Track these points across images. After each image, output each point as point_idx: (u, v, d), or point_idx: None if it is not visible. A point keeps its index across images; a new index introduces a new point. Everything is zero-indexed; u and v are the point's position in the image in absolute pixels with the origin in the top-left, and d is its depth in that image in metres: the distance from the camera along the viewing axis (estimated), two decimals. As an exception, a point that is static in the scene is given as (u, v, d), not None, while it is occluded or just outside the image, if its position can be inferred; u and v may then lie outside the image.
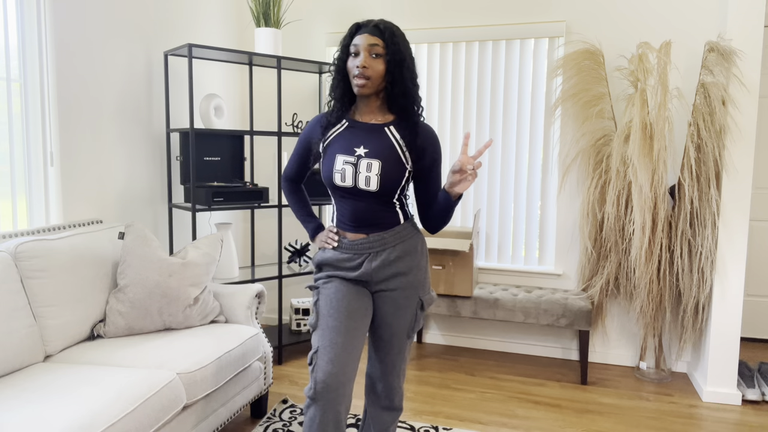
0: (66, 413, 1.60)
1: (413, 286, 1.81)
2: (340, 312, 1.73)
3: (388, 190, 1.72)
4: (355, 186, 1.72)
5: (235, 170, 3.43)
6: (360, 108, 1.80)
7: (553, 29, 3.38)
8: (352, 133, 1.76)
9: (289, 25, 3.86)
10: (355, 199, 1.76)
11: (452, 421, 2.68)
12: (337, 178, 1.73)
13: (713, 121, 2.89)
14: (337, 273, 1.81)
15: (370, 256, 1.77)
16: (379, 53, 1.68)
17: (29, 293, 2.08)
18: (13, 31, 2.37)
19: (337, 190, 1.76)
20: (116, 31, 2.84)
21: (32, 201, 2.49)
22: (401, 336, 1.85)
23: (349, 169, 1.72)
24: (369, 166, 1.70)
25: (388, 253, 1.78)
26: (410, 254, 1.81)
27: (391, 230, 1.78)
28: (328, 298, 1.76)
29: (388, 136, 1.74)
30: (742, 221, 2.87)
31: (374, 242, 1.78)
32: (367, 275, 1.78)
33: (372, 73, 1.69)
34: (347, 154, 1.73)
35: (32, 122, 2.47)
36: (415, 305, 1.83)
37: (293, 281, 4.02)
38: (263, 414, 2.69)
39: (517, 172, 3.57)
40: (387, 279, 1.79)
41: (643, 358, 3.26)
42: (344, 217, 1.79)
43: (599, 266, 3.31)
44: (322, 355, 1.67)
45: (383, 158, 1.71)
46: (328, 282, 1.80)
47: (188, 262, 2.41)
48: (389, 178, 1.70)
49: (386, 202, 1.76)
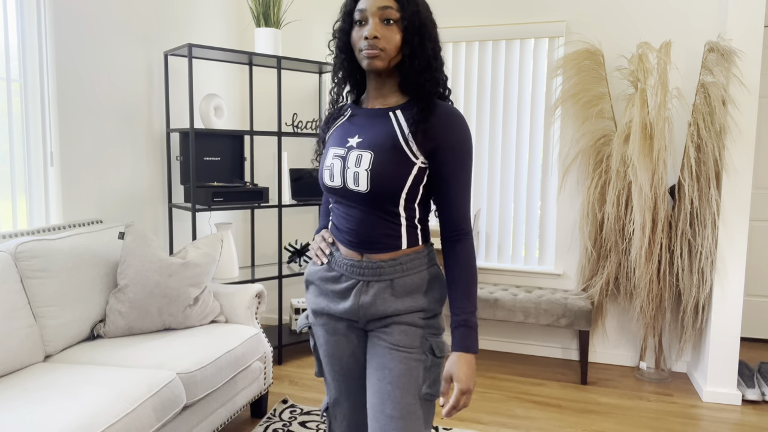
0: (66, 413, 1.60)
1: (415, 333, 1.34)
2: (337, 373, 1.45)
3: (385, 193, 1.28)
4: (343, 185, 1.32)
5: (235, 170, 3.43)
6: (369, 92, 1.39)
7: (553, 29, 3.38)
8: (353, 122, 1.38)
9: (289, 25, 3.86)
10: (347, 204, 1.35)
11: (452, 421, 2.68)
12: (326, 175, 1.36)
13: (713, 121, 2.89)
14: (323, 306, 1.41)
15: (360, 286, 1.34)
16: (393, 18, 1.29)
17: (29, 293, 2.08)
18: (13, 31, 2.37)
19: (330, 193, 1.38)
20: (116, 31, 2.84)
21: (32, 201, 2.49)
22: (407, 391, 1.30)
23: (338, 163, 1.33)
24: (358, 159, 1.30)
25: (382, 289, 1.33)
26: (414, 295, 1.34)
27: (390, 256, 1.33)
28: (322, 348, 1.46)
29: (390, 121, 1.32)
30: (742, 221, 2.87)
31: (366, 269, 1.34)
32: (355, 314, 1.36)
33: (385, 44, 1.28)
34: (339, 146, 1.36)
35: (32, 122, 2.47)
36: (423, 349, 1.34)
37: (293, 281, 4.02)
38: (263, 414, 2.69)
39: (517, 172, 3.57)
40: (380, 320, 1.35)
41: (643, 358, 3.26)
42: (339, 225, 1.39)
43: (599, 266, 3.31)
44: (334, 415, 1.50)
45: (376, 149, 1.29)
46: (317, 325, 1.45)
47: (188, 262, 2.41)
48: (384, 176, 1.27)
49: (386, 212, 1.31)
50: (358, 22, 1.32)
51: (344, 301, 1.37)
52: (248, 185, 3.24)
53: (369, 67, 1.30)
